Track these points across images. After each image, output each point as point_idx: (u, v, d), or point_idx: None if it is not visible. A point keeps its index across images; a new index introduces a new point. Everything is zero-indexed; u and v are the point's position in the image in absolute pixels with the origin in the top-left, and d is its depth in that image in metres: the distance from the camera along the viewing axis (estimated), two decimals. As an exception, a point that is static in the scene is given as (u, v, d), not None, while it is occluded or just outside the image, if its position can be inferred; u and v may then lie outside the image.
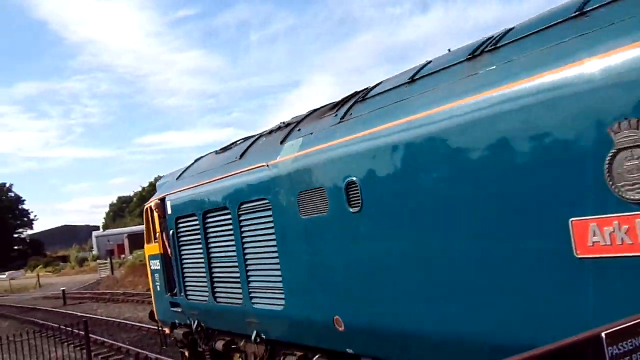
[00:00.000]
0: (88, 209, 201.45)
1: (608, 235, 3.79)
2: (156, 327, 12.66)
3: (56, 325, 18.81)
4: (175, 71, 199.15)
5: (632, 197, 3.64)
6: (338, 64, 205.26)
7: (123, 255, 61.47)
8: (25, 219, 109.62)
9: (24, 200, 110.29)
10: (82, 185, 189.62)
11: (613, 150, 3.70)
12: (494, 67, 4.68)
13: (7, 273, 75.16)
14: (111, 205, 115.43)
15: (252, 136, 8.73)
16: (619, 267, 3.76)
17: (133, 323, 20.89)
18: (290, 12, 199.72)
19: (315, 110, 7.48)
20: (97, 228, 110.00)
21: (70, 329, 15.59)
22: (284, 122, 8.02)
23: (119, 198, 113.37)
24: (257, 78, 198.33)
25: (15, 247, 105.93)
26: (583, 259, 3.93)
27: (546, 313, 4.21)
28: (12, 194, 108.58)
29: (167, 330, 11.08)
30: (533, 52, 4.41)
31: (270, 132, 8.06)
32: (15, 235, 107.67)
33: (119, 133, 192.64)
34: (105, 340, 17.87)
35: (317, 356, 6.93)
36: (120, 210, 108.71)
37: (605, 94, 3.76)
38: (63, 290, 36.34)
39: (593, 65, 3.85)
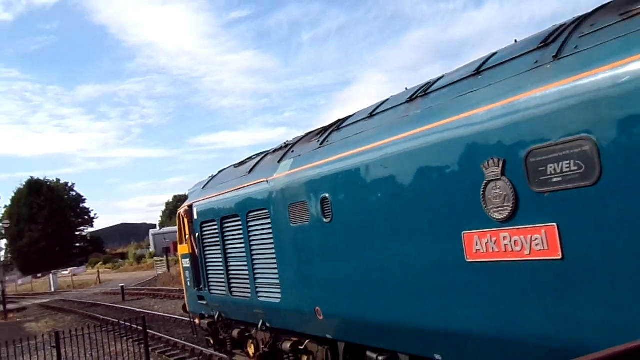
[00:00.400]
0: (145, 207, 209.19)
1: (484, 245, 5.12)
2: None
3: (115, 320, 20.03)
4: (230, 72, 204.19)
5: (497, 217, 4.96)
6: (390, 61, 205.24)
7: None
8: (86, 217, 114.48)
9: (85, 199, 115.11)
10: (139, 185, 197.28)
11: (485, 182, 5.03)
12: (419, 111, 6.04)
13: (69, 269, 79.96)
14: (167, 204, 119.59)
15: (262, 152, 10.29)
16: (491, 269, 5.08)
17: (188, 319, 21.24)
18: (341, 10, 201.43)
19: (308, 134, 8.97)
20: (154, 226, 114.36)
21: (129, 324, 16.00)
22: (285, 143, 9.54)
23: (175, 197, 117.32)
24: (309, 77, 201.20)
25: (77, 245, 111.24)
26: (471, 262, 5.26)
27: (448, 301, 5.56)
28: (74, 193, 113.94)
29: (197, 321, 12.81)
30: (445, 101, 5.75)
31: (274, 150, 9.59)
32: (77, 233, 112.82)
33: (175, 133, 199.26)
34: (162, 335, 18.30)
35: (306, 341, 8.43)
36: (176, 209, 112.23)
37: (481, 138, 5.09)
38: (122, 286, 37.84)
39: (475, 117, 5.18)
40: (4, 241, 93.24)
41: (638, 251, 3.98)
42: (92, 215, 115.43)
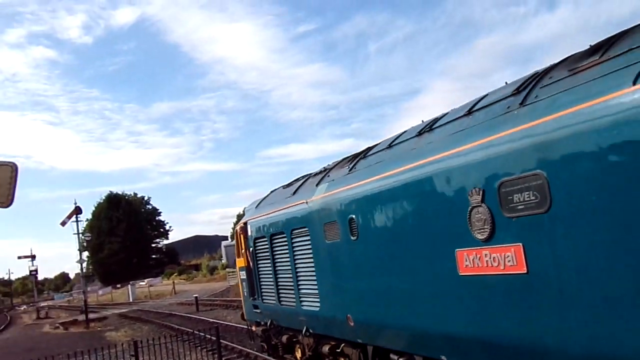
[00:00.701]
0: (218, 219, 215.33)
1: (472, 261, 6.11)
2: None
3: (190, 330, 20.74)
4: (297, 85, 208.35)
5: (479, 237, 5.96)
6: (459, 69, 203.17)
7: (250, 264, 65.99)
8: (162, 230, 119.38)
9: (160, 212, 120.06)
10: (212, 197, 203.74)
11: (470, 208, 6.03)
12: (424, 145, 7.10)
13: (146, 280, 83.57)
14: (239, 216, 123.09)
15: (306, 175, 11.52)
16: (477, 281, 6.07)
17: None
18: (408, 19, 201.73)
19: (343, 159, 10.12)
20: (226, 238, 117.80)
21: (203, 334, 16.71)
22: (324, 167, 10.74)
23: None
24: (376, 88, 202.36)
25: (153, 256, 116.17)
26: (462, 276, 6.26)
27: (448, 309, 6.56)
28: (150, 207, 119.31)
29: (253, 328, 14.19)
30: (443, 137, 6.78)
31: (315, 174, 10.81)
32: (153, 245, 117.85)
33: (245, 147, 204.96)
34: (235, 345, 18.52)
35: (342, 345, 9.57)
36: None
37: (468, 171, 6.10)
38: (196, 297, 38.95)
39: (463, 152, 6.20)
40: (86, 253, 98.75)
41: (581, 267, 4.91)
42: (167, 227, 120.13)
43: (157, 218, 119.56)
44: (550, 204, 5.09)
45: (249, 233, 12.95)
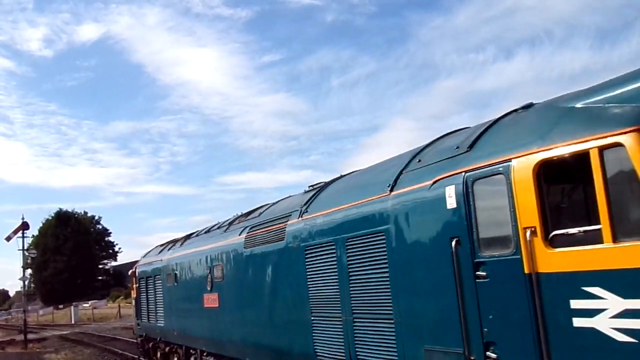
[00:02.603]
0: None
1: (207, 300, 13.88)
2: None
3: (135, 356, 23.37)
4: (260, 113, 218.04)
5: (208, 289, 13.73)
6: (419, 109, 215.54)
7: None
8: (111, 251, 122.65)
9: (110, 233, 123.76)
10: (165, 221, 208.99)
11: (207, 273, 13.82)
12: (201, 240, 14.93)
13: (90, 302, 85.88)
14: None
15: (170, 241, 19.24)
16: (210, 310, 13.84)
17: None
18: (372, 57, 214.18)
19: (184, 236, 17.83)
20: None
21: None
22: (188, 234, 18.43)
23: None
24: (337, 121, 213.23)
25: (99, 278, 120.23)
26: (205, 307, 14.01)
27: (201, 325, 14.35)
28: (100, 226, 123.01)
29: (138, 340, 21.91)
30: (214, 236, 14.60)
31: (176, 241, 18.51)
32: (100, 266, 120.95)
33: (203, 171, 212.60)
34: None
35: (175, 346, 17.29)
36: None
37: (208, 256, 13.88)
38: None
39: (209, 249, 14.02)
40: (29, 271, 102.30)
41: (234, 306, 12.65)
42: (116, 249, 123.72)
43: (106, 239, 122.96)
44: (223, 277, 12.85)
45: (137, 275, 20.76)
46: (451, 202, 6.71)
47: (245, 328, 12.01)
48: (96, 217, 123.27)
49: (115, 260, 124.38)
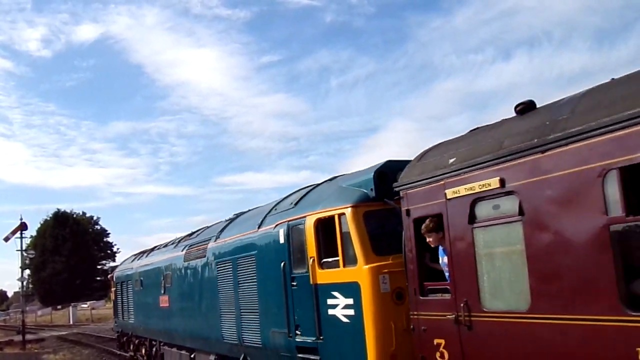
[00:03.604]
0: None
1: (162, 300, 18.56)
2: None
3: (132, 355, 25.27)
4: (260, 114, 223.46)
5: (162, 292, 18.38)
6: (418, 110, 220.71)
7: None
8: (109, 252, 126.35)
9: (109, 234, 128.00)
10: (163, 221, 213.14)
11: (162, 279, 18.48)
12: (155, 255, 19.62)
13: (89, 303, 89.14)
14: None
15: (139, 253, 23.91)
16: (164, 309, 18.52)
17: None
18: (371, 58, 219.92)
19: (147, 249, 22.48)
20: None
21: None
22: (149, 248, 23.11)
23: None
24: (336, 122, 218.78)
25: (98, 278, 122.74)
26: (161, 306, 18.68)
27: (158, 321, 19.07)
28: (99, 227, 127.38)
29: (116, 335, 26.70)
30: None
31: (151, 249, 23.16)
32: (99, 267, 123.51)
33: (202, 172, 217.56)
34: None
35: (143, 339, 22.02)
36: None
37: (161, 268, 18.54)
38: None
39: (165, 259, 18.71)
40: (27, 271, 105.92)
41: (177, 306, 17.29)
42: (114, 249, 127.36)
43: (105, 239, 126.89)
44: (171, 283, 17.48)
45: (114, 280, 25.53)
46: (282, 239, 11.26)
47: (185, 322, 16.68)
48: (95, 218, 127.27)
49: (114, 260, 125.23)
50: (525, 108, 7.46)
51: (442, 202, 7.73)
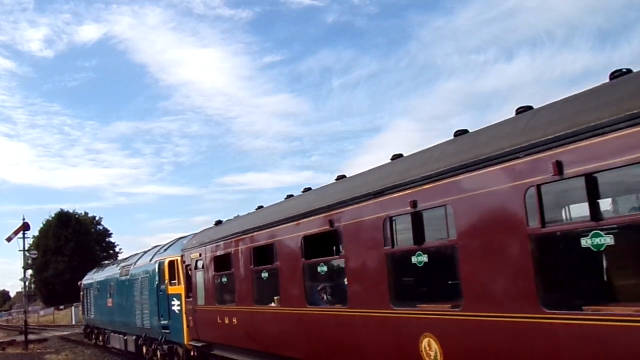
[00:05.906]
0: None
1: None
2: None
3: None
4: (263, 114, 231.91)
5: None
6: (420, 110, 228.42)
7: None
8: (111, 252, 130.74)
9: (111, 234, 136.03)
10: (166, 221, 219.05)
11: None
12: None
13: None
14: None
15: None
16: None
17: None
18: (373, 58, 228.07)
19: (122, 258, 33.97)
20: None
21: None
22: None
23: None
24: (338, 122, 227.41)
25: None
26: (109, 306, 30.16)
27: (110, 315, 30.61)
28: (101, 227, 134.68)
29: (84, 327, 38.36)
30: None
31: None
32: None
33: (205, 172, 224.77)
34: None
35: (103, 330, 33.63)
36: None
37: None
38: None
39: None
40: (30, 271, 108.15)
41: (121, 304, 28.69)
42: (117, 249, 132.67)
43: (107, 239, 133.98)
44: (114, 290, 28.88)
45: (82, 286, 37.87)
46: (156, 269, 22.71)
47: (120, 316, 28.26)
48: (97, 218, 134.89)
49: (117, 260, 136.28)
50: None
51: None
